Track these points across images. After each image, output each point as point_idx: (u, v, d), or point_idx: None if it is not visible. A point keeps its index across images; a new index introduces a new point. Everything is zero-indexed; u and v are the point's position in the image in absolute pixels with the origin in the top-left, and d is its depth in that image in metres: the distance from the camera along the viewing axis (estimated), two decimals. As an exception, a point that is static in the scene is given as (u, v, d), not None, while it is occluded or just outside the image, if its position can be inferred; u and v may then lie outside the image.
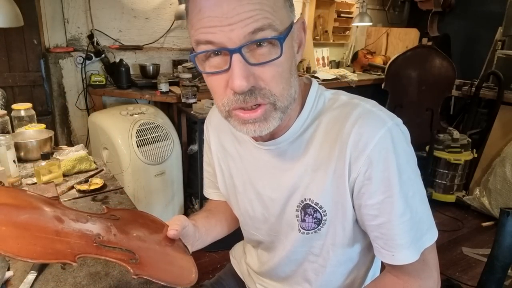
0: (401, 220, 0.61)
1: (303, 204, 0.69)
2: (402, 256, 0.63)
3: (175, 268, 0.63)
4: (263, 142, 0.71)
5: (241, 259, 0.97)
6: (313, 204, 0.68)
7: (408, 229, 0.62)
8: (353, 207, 0.66)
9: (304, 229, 0.71)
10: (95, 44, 2.46)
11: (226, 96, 0.57)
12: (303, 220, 0.70)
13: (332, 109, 0.66)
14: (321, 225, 0.69)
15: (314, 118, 0.67)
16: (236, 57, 0.52)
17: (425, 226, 0.64)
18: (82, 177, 1.24)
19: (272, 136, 0.69)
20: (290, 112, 0.64)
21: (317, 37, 3.59)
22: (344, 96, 0.69)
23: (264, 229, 0.79)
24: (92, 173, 1.29)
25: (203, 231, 0.80)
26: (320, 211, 0.68)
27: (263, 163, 0.73)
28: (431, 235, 0.65)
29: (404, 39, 3.78)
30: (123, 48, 2.63)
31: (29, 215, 0.58)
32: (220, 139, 0.82)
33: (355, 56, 3.87)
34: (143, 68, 2.56)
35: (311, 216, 0.69)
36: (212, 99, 2.51)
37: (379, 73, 3.59)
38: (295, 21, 0.60)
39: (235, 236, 0.98)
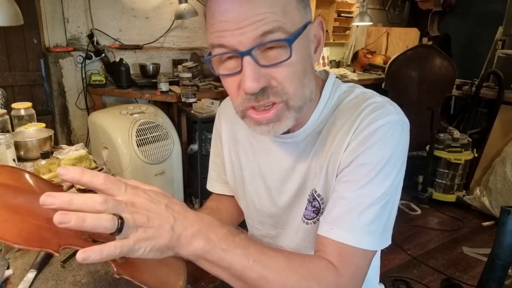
0: (361, 204, 0.59)
1: (312, 196, 0.70)
2: (338, 234, 0.59)
3: (163, 272, 0.61)
4: (280, 135, 0.72)
5: None
6: (315, 195, 0.69)
7: (358, 215, 0.59)
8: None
9: (306, 218, 0.71)
10: (95, 43, 2.46)
11: (239, 97, 0.59)
12: (306, 208, 0.71)
13: (345, 102, 0.67)
14: (319, 214, 0.69)
15: (330, 111, 0.68)
16: (246, 59, 0.54)
17: (375, 227, 0.59)
18: (82, 176, 1.24)
19: (288, 130, 0.69)
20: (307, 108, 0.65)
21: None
22: (358, 88, 0.69)
23: (270, 223, 0.80)
24: (92, 172, 1.28)
25: None
26: (318, 199, 0.68)
27: (277, 155, 0.73)
28: (374, 239, 0.59)
29: (404, 39, 3.78)
30: (123, 47, 2.63)
31: (25, 199, 0.57)
32: (233, 130, 0.82)
33: (355, 55, 3.87)
34: (143, 67, 2.56)
35: (310, 204, 0.70)
36: (212, 99, 2.50)
37: (379, 73, 3.59)
38: (312, 20, 0.60)
39: (236, 235, 0.98)
